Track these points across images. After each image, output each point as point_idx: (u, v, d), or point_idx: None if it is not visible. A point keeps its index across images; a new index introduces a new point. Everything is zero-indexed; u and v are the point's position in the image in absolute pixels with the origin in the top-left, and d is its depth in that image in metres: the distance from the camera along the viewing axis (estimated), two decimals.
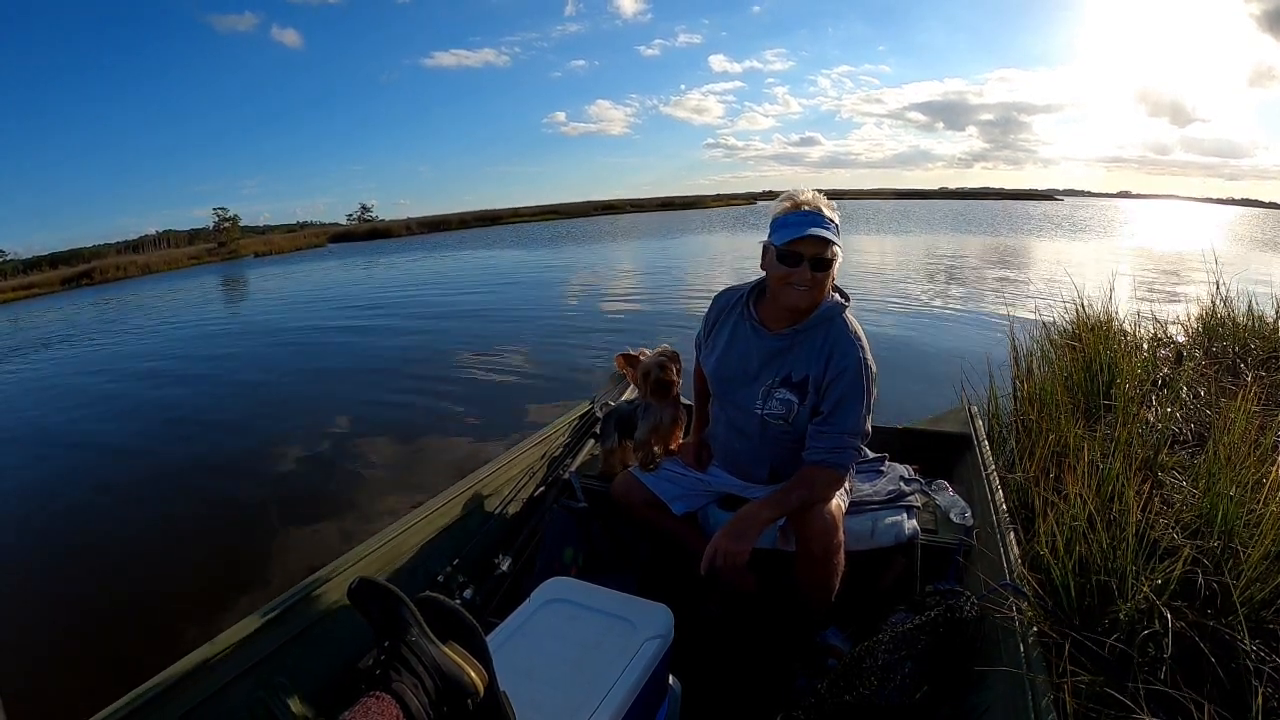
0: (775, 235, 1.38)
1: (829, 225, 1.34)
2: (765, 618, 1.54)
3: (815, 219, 1.34)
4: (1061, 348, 3.17)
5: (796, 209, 1.37)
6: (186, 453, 4.21)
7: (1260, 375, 2.59)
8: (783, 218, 1.38)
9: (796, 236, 1.33)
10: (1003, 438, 2.53)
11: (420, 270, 16.33)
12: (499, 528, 1.80)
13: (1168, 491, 1.68)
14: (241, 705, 1.14)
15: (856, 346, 1.40)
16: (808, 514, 1.39)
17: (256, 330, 9.12)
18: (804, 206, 1.37)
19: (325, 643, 1.29)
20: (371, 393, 5.24)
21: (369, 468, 3.67)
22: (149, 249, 39.57)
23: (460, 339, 7.03)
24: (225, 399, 5.51)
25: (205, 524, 3.17)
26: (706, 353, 1.60)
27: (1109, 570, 1.28)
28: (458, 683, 0.73)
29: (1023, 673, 1.04)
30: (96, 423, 5.17)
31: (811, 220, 1.34)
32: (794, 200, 1.38)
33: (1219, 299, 3.63)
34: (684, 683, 1.24)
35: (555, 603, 1.13)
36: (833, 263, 1.37)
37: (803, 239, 1.33)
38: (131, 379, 6.68)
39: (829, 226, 1.34)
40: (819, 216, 1.34)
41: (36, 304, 19.08)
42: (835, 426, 1.40)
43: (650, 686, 1.02)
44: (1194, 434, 2.14)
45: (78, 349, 9.13)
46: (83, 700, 1.08)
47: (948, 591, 1.37)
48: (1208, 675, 1.10)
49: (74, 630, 2.37)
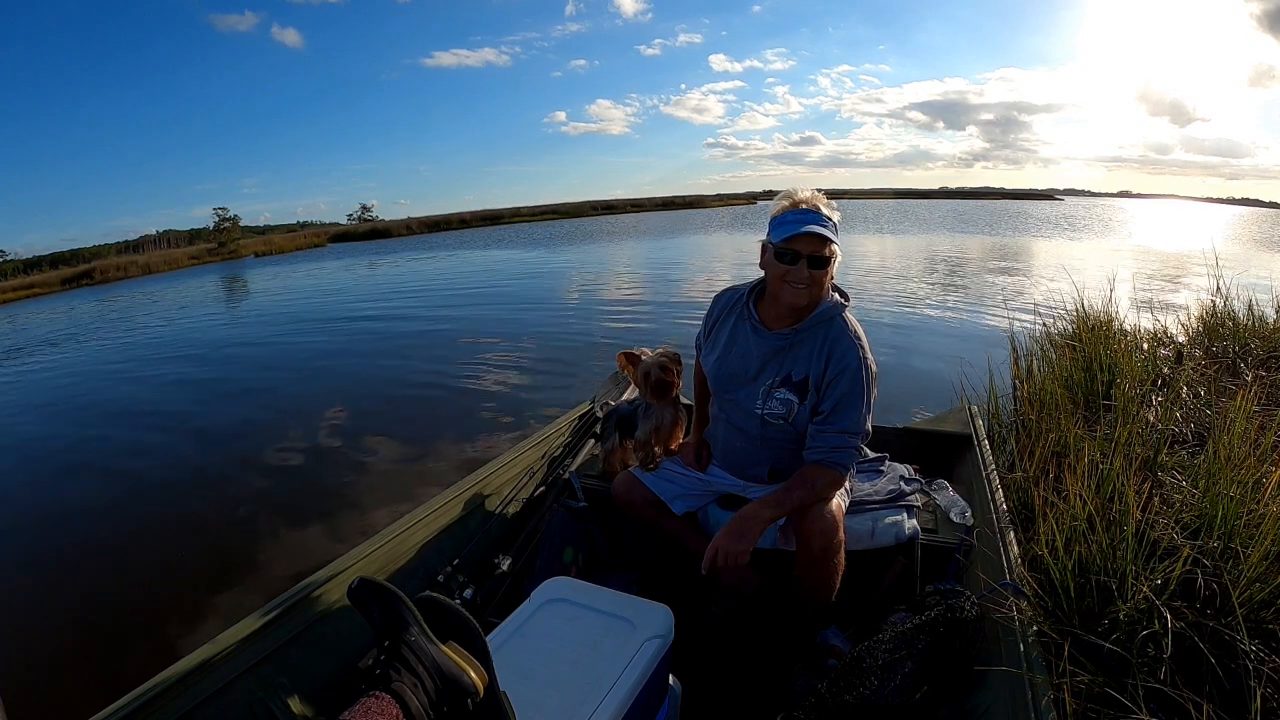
0: (773, 233, 1.38)
1: (827, 223, 1.34)
2: (766, 618, 1.54)
3: (813, 217, 1.34)
4: (1061, 348, 3.18)
5: (794, 207, 1.37)
6: (186, 452, 4.21)
7: (1260, 375, 2.59)
8: (780, 216, 1.38)
9: (793, 234, 1.33)
10: (1003, 438, 2.53)
11: (419, 270, 16.33)
12: (499, 528, 1.80)
13: (1168, 491, 1.67)
14: (241, 705, 1.14)
15: (856, 346, 1.40)
16: (808, 513, 1.39)
17: (256, 329, 9.12)
18: (802, 204, 1.36)
19: (325, 643, 1.29)
20: (371, 392, 5.25)
21: (369, 468, 3.67)
22: (149, 249, 39.57)
23: (460, 338, 7.02)
24: (225, 398, 5.50)
25: (205, 524, 3.16)
26: (707, 352, 1.61)
27: (1109, 570, 1.28)
28: (458, 683, 0.73)
29: (1023, 673, 1.04)
30: (96, 423, 5.18)
31: (809, 218, 1.34)
32: (792, 198, 1.38)
33: (1219, 298, 3.63)
34: (684, 683, 1.24)
35: (555, 603, 1.13)
36: (831, 261, 1.37)
37: (800, 236, 1.33)
38: (131, 378, 6.68)
39: (827, 224, 1.34)
40: (816, 214, 1.34)
41: (35, 304, 19.08)
42: (835, 426, 1.40)
43: (650, 687, 1.02)
44: (1194, 434, 2.13)
45: (78, 348, 9.12)
46: (83, 700, 1.08)
47: (948, 591, 1.37)
48: (1207, 675, 1.10)
49: (74, 630, 2.37)
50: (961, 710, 1.15)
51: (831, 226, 1.35)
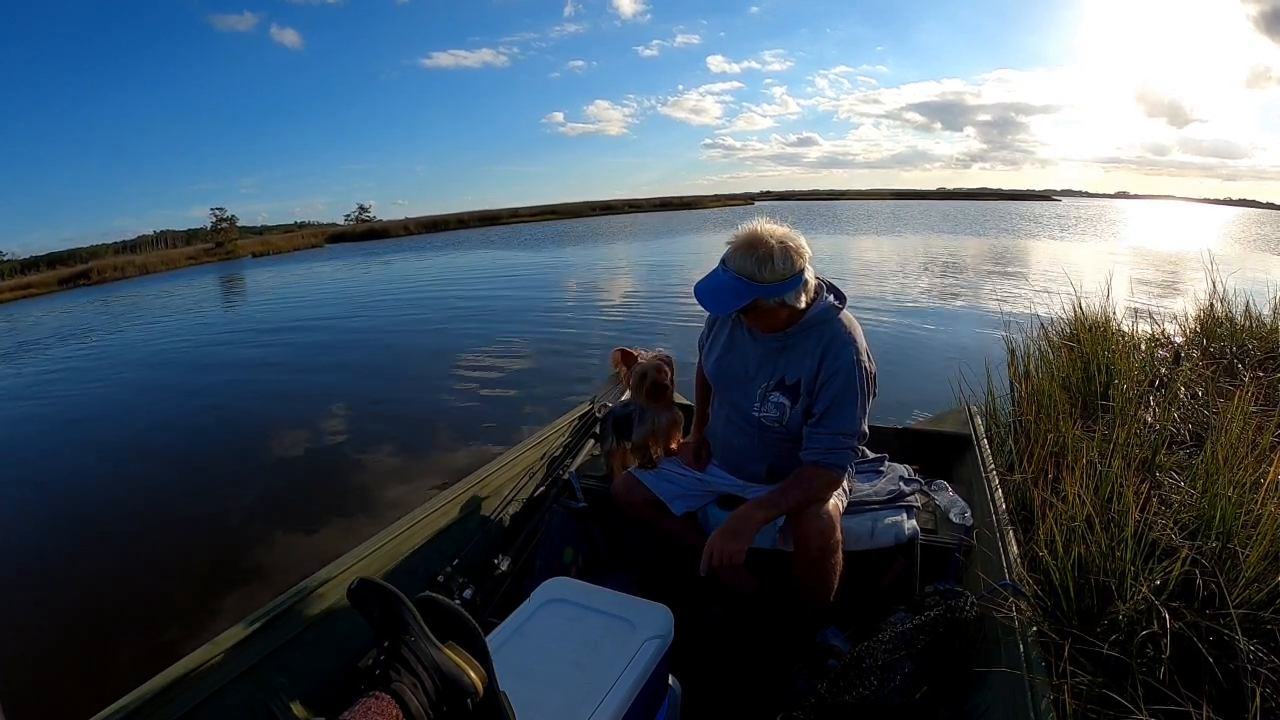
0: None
1: (743, 291, 1.31)
2: (765, 618, 1.54)
3: (720, 297, 1.33)
4: (1059, 348, 3.18)
5: (727, 253, 1.35)
6: (186, 452, 4.21)
7: (1258, 376, 2.60)
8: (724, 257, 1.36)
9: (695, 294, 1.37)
10: (1001, 438, 2.53)
11: (419, 270, 16.31)
12: (499, 528, 1.80)
13: (1166, 492, 1.68)
14: (241, 706, 1.14)
15: (850, 348, 1.39)
16: (805, 514, 1.39)
17: (255, 329, 9.09)
18: (727, 257, 1.34)
19: (325, 643, 1.29)
20: (371, 392, 5.25)
21: (368, 468, 3.67)
22: (146, 249, 39.47)
23: (459, 338, 7.01)
24: (225, 398, 5.49)
25: (205, 524, 3.16)
26: (707, 353, 1.61)
27: (1108, 571, 1.28)
28: (457, 683, 0.73)
29: (1022, 673, 1.04)
30: (96, 423, 5.17)
31: (713, 298, 1.35)
32: (731, 242, 1.35)
33: (1216, 299, 3.64)
34: (684, 683, 1.24)
35: (555, 603, 1.13)
36: (771, 307, 1.34)
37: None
38: (131, 377, 6.67)
39: (742, 293, 1.31)
40: (735, 282, 1.31)
41: (32, 305, 19.02)
42: (829, 428, 1.40)
43: (650, 687, 1.02)
44: (1192, 434, 2.14)
45: (75, 349, 9.10)
46: (83, 700, 1.08)
47: (947, 591, 1.37)
48: (1206, 676, 1.11)
49: (74, 631, 2.36)
50: (961, 710, 1.16)
51: (745, 289, 1.30)
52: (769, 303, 1.33)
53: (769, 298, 1.32)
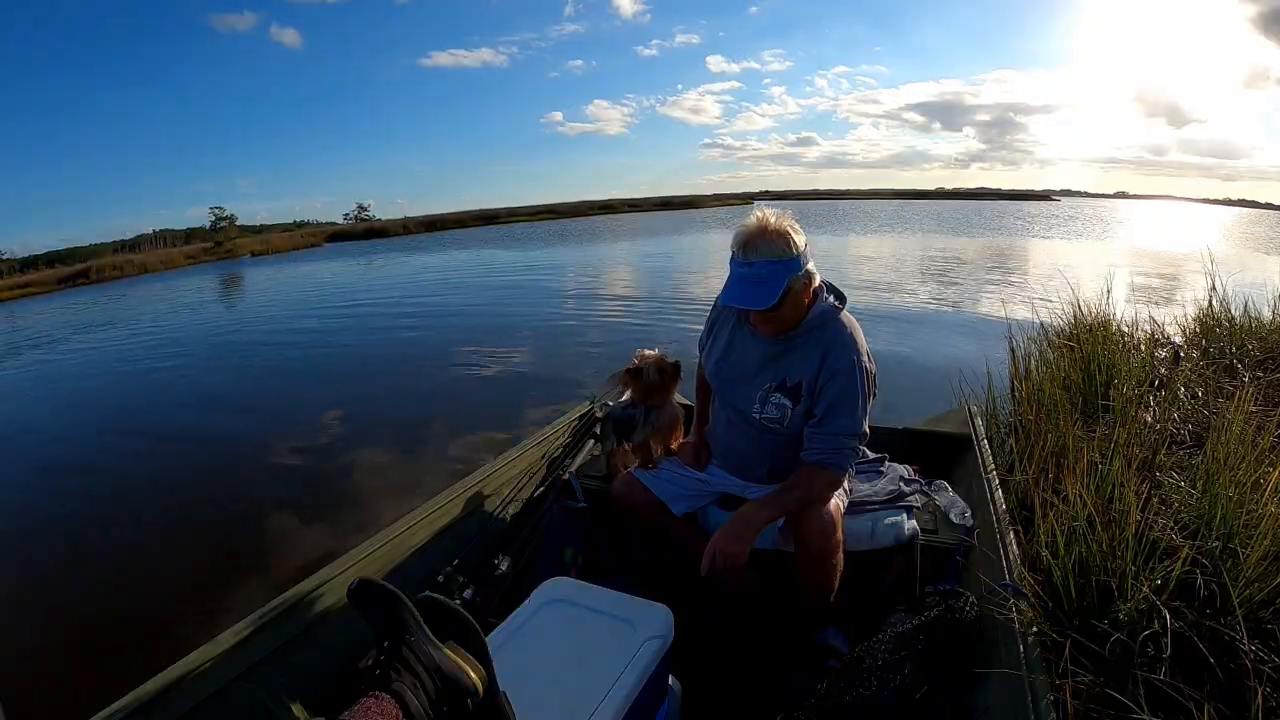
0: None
1: (764, 285, 1.30)
2: (765, 618, 1.54)
3: (747, 290, 1.32)
4: (1059, 348, 3.18)
5: (740, 254, 1.33)
6: (186, 452, 4.20)
7: (1257, 376, 2.60)
8: (732, 259, 1.35)
9: (729, 304, 1.36)
10: (1002, 438, 2.53)
11: (418, 270, 16.30)
12: (499, 528, 1.80)
13: (1166, 492, 1.68)
14: (241, 706, 1.13)
15: (851, 349, 1.39)
16: (806, 514, 1.39)
17: (254, 329, 9.09)
18: (741, 254, 1.33)
19: (325, 643, 1.29)
20: (371, 392, 5.24)
21: (368, 468, 3.67)
22: (145, 248, 39.44)
23: (459, 338, 7.01)
24: (225, 397, 5.49)
25: (205, 524, 3.16)
26: (707, 354, 1.61)
27: (1108, 570, 1.28)
28: (457, 683, 0.73)
29: (1022, 673, 1.04)
30: (95, 423, 5.16)
31: (740, 293, 1.33)
32: (739, 240, 1.34)
33: (1216, 299, 3.64)
34: (684, 683, 1.24)
35: (555, 603, 1.13)
36: (785, 298, 1.33)
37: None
38: (130, 377, 6.67)
39: (765, 283, 1.30)
40: (766, 268, 1.30)
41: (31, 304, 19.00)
42: (829, 428, 1.39)
43: (650, 687, 1.02)
44: (1192, 434, 2.14)
45: (77, 348, 9.09)
46: (83, 700, 1.08)
47: (947, 592, 1.37)
48: (1207, 675, 1.10)
49: (74, 631, 2.36)
50: (961, 711, 1.15)
51: (779, 268, 1.30)
52: (797, 282, 1.33)
53: (798, 273, 1.32)
